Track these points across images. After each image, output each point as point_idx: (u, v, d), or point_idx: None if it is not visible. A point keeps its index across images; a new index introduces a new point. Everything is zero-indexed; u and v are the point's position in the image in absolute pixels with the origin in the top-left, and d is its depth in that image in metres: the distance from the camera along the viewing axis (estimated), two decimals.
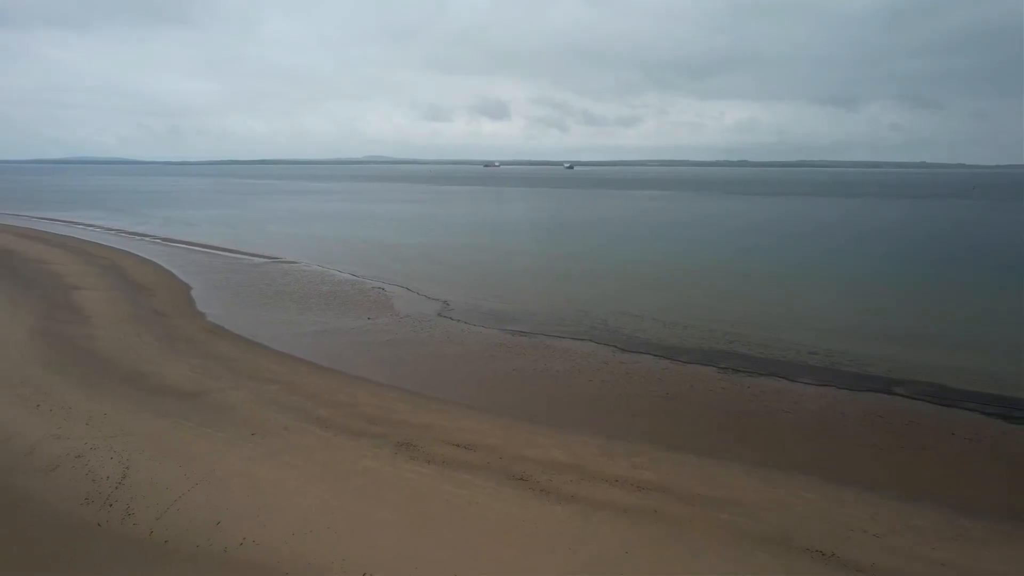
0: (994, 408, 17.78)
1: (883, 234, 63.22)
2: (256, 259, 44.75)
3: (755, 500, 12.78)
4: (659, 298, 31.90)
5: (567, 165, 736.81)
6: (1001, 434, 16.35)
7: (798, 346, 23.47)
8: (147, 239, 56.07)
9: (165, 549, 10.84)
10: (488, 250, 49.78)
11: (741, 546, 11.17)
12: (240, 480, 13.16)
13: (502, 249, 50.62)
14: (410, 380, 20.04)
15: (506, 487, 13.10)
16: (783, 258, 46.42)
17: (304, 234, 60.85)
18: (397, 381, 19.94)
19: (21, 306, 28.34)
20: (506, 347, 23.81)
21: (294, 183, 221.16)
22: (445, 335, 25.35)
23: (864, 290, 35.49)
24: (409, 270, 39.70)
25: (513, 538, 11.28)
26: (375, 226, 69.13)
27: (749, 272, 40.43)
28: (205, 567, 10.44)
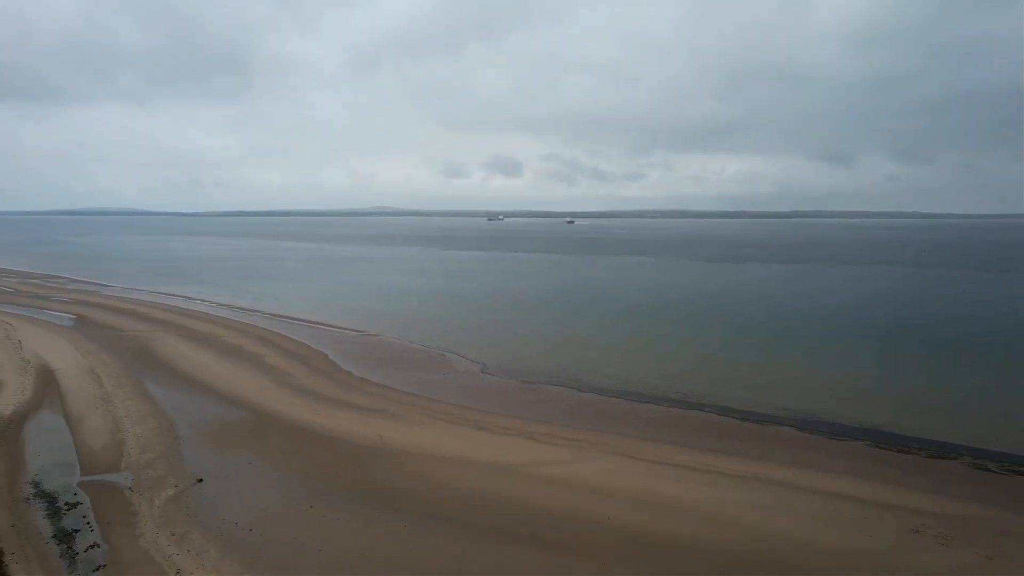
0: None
1: (800, 303, 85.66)
2: (350, 332, 67.11)
3: (616, 443, 34.78)
4: (608, 359, 54.14)
5: (568, 220, 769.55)
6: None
7: (671, 389, 45.60)
8: (258, 314, 78.22)
9: (409, 455, 32.83)
10: (505, 324, 72.41)
11: (594, 449, 33.15)
12: (427, 437, 35.17)
13: (515, 322, 73.34)
14: (476, 403, 42.17)
15: (526, 440, 35.14)
16: (710, 325, 68.72)
17: (370, 309, 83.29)
18: (470, 404, 42.07)
19: (245, 368, 50.51)
20: (520, 389, 46.08)
21: (315, 247, 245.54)
22: (487, 383, 47.66)
23: (755, 352, 57.55)
24: (456, 340, 62.10)
25: (533, 453, 33.32)
26: (415, 301, 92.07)
27: (680, 338, 62.77)
28: (427, 459, 32.38)
